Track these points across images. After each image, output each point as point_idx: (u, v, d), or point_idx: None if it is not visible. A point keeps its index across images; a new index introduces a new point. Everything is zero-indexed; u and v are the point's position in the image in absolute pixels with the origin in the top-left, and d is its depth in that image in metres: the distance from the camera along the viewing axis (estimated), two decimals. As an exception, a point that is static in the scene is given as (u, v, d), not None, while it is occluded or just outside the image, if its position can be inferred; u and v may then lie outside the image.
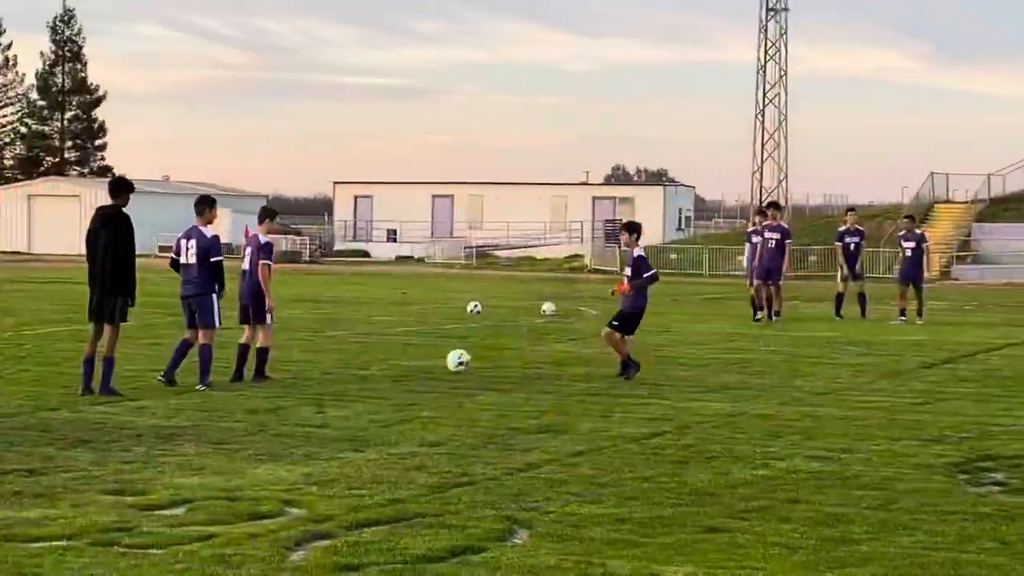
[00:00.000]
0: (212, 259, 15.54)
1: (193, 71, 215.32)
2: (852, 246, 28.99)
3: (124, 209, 14.82)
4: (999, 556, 7.87)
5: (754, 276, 27.85)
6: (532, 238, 75.52)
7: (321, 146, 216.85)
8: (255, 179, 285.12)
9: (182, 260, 15.67)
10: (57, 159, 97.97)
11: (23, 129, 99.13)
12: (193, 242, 15.59)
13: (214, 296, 15.56)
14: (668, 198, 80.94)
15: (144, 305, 26.48)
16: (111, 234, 14.59)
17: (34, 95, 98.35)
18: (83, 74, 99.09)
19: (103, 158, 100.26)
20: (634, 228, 17.47)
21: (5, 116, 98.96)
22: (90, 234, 14.79)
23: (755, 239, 28.22)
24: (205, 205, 15.84)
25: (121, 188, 14.88)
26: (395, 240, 79.21)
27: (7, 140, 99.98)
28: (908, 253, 28.58)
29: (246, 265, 16.62)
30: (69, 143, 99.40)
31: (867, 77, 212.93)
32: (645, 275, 17.20)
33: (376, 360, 18.80)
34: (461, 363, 17.32)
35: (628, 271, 17.31)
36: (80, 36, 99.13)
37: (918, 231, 29.42)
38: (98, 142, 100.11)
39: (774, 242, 27.76)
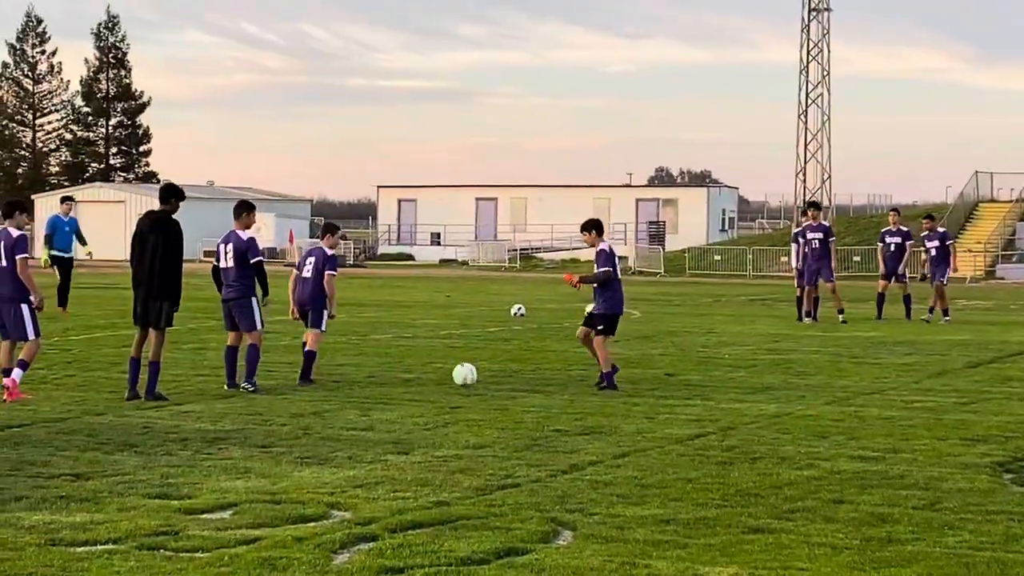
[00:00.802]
0: (252, 260, 15.65)
1: (236, 76, 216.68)
2: (892, 247, 28.84)
3: (174, 216, 14.92)
4: (1046, 556, 7.82)
5: (805, 278, 27.72)
6: (575, 240, 75.41)
7: (364, 150, 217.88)
8: (299, 183, 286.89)
9: (221, 264, 15.83)
10: (102, 165, 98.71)
11: (68, 136, 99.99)
12: (230, 246, 15.75)
13: (254, 299, 15.68)
14: (712, 199, 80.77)
15: (189, 310, 26.65)
16: (160, 238, 14.63)
17: (79, 101, 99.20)
18: (127, 80, 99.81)
19: (148, 164, 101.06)
20: (590, 226, 16.63)
21: (50, 123, 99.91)
22: (137, 237, 14.84)
23: (802, 240, 28.13)
24: (243, 210, 15.99)
25: (171, 195, 14.97)
26: (439, 243, 79.40)
27: (52, 147, 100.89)
28: (933, 253, 28.40)
29: (307, 273, 16.77)
30: (114, 149, 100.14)
31: (911, 77, 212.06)
32: (598, 270, 16.26)
33: (420, 363, 18.84)
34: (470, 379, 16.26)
35: (595, 267, 16.47)
36: (124, 43, 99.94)
37: (940, 229, 29.13)
38: (142, 148, 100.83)
39: (818, 242, 27.68)
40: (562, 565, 7.56)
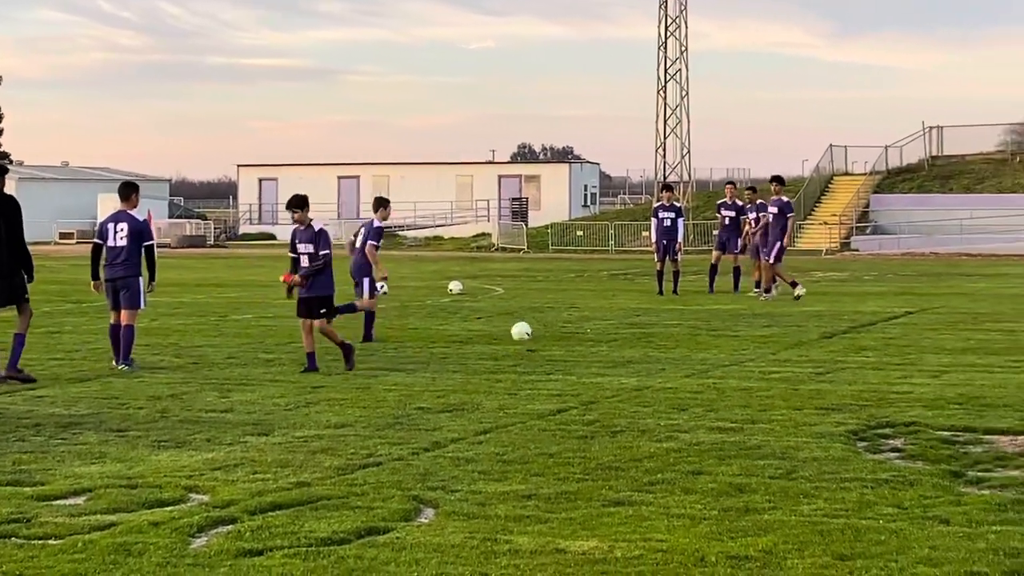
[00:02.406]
0: (145, 243, 15.85)
1: (92, 55, 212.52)
2: (728, 220, 29.40)
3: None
4: (898, 521, 7.98)
5: (659, 254, 28.27)
6: (439, 218, 75.41)
7: (224, 129, 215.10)
8: (157, 163, 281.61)
9: (110, 243, 15.87)
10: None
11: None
12: (124, 225, 15.83)
13: (141, 279, 15.81)
14: (574, 175, 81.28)
15: (43, 292, 26.12)
16: (3, 218, 14.57)
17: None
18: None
19: (0, 144, 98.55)
20: (293, 203, 15.91)
21: None
22: None
23: (661, 214, 28.50)
24: (131, 190, 16.25)
25: (3, 174, 14.81)
26: (301, 222, 78.68)
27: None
28: (753, 225, 28.80)
29: (359, 243, 19.20)
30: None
31: (768, 52, 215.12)
32: (321, 252, 15.61)
33: (281, 344, 18.69)
34: (527, 334, 18.73)
35: (310, 248, 15.75)
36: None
37: (759, 202, 29.10)
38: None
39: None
40: (424, 543, 7.54)
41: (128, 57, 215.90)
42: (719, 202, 30.33)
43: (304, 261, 15.77)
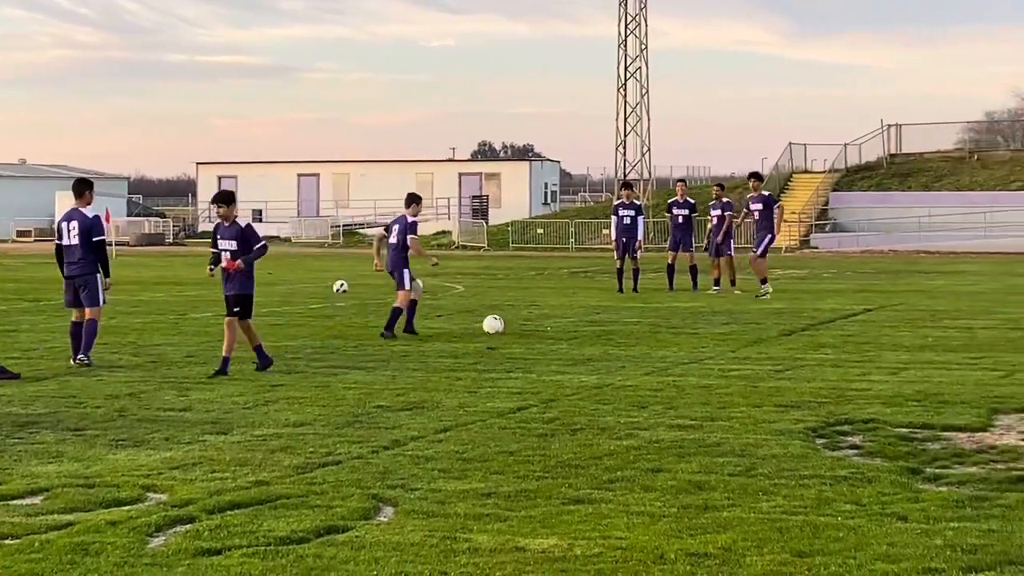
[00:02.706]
0: (95, 239, 15.83)
1: (50, 52, 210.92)
2: (680, 219, 29.49)
3: None
4: (856, 518, 8.02)
5: (619, 251, 28.30)
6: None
7: (183, 126, 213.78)
8: (116, 161, 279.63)
9: (65, 242, 15.91)
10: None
11: None
12: (75, 223, 15.86)
13: (98, 276, 15.84)
14: (534, 173, 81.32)
15: (0, 291, 25.94)
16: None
17: None
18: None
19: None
20: (219, 199, 15.40)
21: None
22: None
23: (621, 212, 28.52)
24: (84, 187, 16.20)
25: None
26: (260, 220, 78.42)
27: None
28: (715, 222, 28.94)
29: (393, 239, 19.56)
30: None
31: (727, 50, 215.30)
32: (257, 245, 15.21)
33: (241, 342, 18.57)
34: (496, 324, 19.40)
35: (233, 244, 15.19)
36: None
37: (725, 199, 29.32)
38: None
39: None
40: (383, 541, 7.52)
41: (87, 54, 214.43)
42: (670, 200, 30.39)
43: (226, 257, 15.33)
